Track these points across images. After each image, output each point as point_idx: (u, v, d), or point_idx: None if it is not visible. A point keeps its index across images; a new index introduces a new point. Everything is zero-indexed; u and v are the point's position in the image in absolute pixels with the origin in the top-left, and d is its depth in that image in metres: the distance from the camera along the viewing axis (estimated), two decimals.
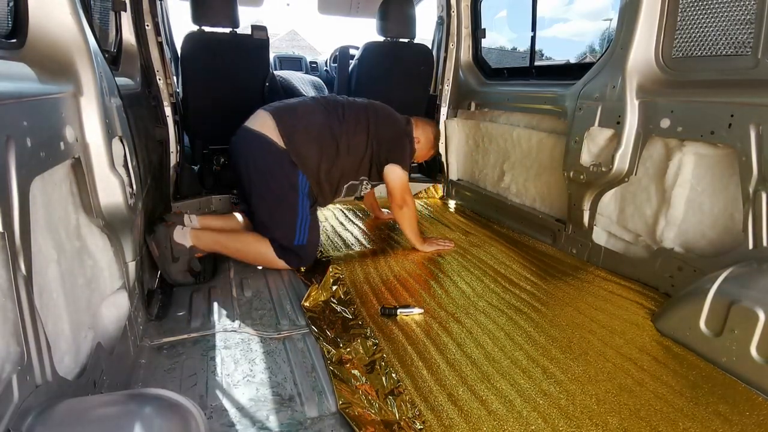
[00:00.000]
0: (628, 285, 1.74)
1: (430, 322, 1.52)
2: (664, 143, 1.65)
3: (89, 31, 1.07)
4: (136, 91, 1.91)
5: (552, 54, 6.45)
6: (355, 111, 2.01)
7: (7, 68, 0.84)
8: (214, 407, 1.11)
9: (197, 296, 1.69)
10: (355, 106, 2.03)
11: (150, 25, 2.21)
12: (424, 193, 3.28)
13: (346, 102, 2.05)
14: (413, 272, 1.93)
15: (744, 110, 1.35)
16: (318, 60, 4.67)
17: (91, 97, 1.03)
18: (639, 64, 1.68)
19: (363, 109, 2.04)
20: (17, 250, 0.69)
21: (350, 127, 1.97)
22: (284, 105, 1.98)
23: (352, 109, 2.01)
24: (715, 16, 1.47)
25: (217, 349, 1.36)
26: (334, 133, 1.94)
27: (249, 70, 2.70)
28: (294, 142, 1.87)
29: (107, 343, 1.08)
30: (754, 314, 1.18)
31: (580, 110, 1.92)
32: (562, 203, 2.16)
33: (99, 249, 1.14)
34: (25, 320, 0.69)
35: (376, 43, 2.80)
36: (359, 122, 1.99)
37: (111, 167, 1.08)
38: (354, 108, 2.02)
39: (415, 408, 1.12)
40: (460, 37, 2.91)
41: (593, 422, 1.09)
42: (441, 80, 3.03)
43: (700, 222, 1.58)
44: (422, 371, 1.27)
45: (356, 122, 1.99)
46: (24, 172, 0.72)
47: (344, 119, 1.97)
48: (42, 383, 0.72)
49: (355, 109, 2.02)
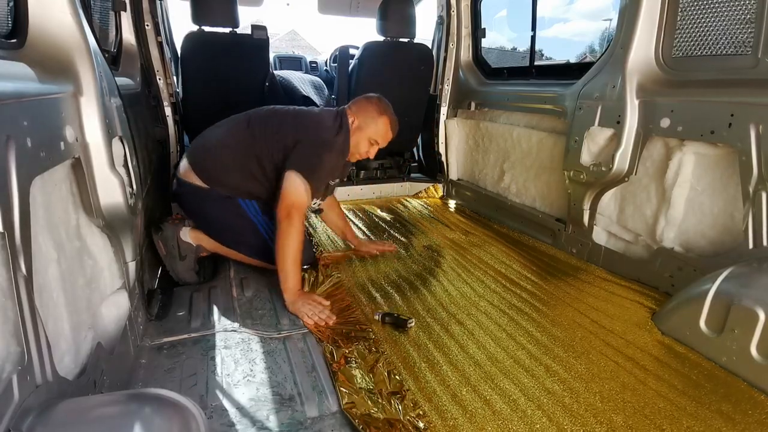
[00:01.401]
0: (628, 285, 1.74)
1: (432, 323, 1.52)
2: (664, 143, 1.65)
3: (89, 31, 1.07)
4: (136, 91, 1.91)
5: (552, 54, 6.45)
6: (270, 124, 1.77)
7: (7, 68, 0.84)
8: (215, 407, 1.11)
9: (197, 296, 1.69)
10: (272, 119, 1.79)
11: (150, 25, 2.21)
12: (424, 193, 3.28)
13: (266, 115, 1.82)
14: (415, 271, 1.92)
15: (744, 110, 1.35)
16: (318, 60, 4.67)
17: (91, 97, 1.03)
18: (639, 63, 1.68)
19: (280, 119, 1.79)
20: (17, 250, 0.69)
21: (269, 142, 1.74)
22: (197, 143, 1.86)
23: (270, 123, 1.77)
24: (715, 16, 1.47)
25: (217, 349, 1.36)
26: (253, 153, 1.75)
27: (249, 70, 2.69)
28: (213, 178, 1.77)
29: (107, 343, 1.08)
30: (754, 314, 1.18)
31: (580, 110, 1.92)
32: (562, 203, 2.16)
33: (99, 249, 1.14)
34: (26, 320, 0.69)
35: (376, 42, 2.80)
36: (276, 134, 1.74)
37: (111, 167, 1.08)
38: (270, 121, 1.78)
39: (418, 408, 1.12)
40: (460, 36, 2.91)
41: (598, 420, 1.09)
42: (441, 80, 3.03)
43: (700, 222, 1.58)
44: (425, 372, 1.27)
45: (273, 135, 1.74)
46: (24, 172, 0.72)
47: (259, 135, 1.75)
48: (42, 383, 0.72)
49: (272, 122, 1.77)
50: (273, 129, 1.75)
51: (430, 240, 2.30)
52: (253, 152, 1.75)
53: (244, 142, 1.76)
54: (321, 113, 1.81)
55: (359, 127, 1.76)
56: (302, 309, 1.53)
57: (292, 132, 1.73)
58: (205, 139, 1.84)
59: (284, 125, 1.76)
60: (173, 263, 1.79)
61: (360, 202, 3.02)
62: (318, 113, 1.82)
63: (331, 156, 1.71)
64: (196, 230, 1.86)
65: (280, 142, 1.72)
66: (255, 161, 1.75)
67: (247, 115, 1.83)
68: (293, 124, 1.76)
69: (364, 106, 1.79)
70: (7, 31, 0.94)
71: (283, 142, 1.72)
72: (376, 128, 1.77)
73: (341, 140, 1.74)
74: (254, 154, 1.75)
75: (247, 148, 1.76)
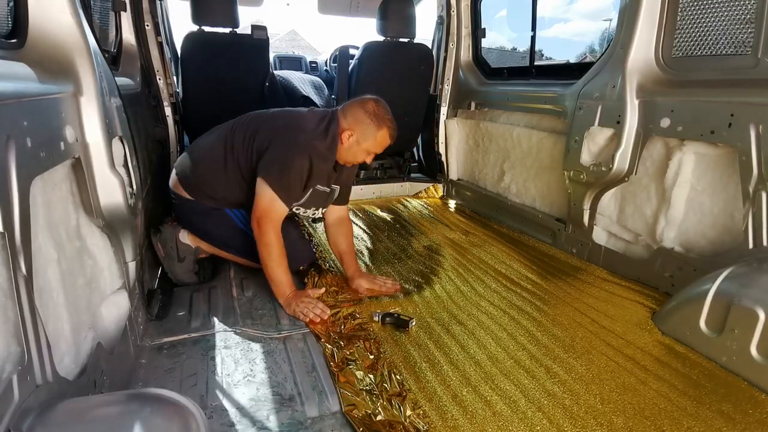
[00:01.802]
0: (628, 285, 1.74)
1: (432, 324, 1.52)
2: (664, 143, 1.65)
3: (89, 31, 1.07)
4: (136, 91, 1.91)
5: (551, 54, 6.44)
6: (249, 129, 1.69)
7: (7, 68, 0.84)
8: (215, 407, 1.11)
9: (197, 296, 1.69)
10: (252, 125, 1.70)
11: (150, 25, 2.21)
12: (424, 193, 3.28)
13: (248, 121, 1.73)
14: (416, 270, 1.92)
15: (744, 110, 1.35)
16: (318, 60, 4.66)
17: (91, 97, 1.03)
18: (639, 63, 1.68)
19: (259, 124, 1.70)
20: (17, 250, 0.69)
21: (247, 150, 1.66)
22: (184, 156, 1.82)
23: (249, 128, 1.69)
24: (715, 16, 1.47)
25: (217, 349, 1.36)
26: (235, 164, 1.69)
27: (249, 70, 2.69)
28: (198, 192, 1.75)
29: (107, 343, 1.08)
30: (754, 313, 1.18)
31: (580, 110, 1.92)
32: (562, 203, 2.16)
33: (99, 249, 1.14)
34: (26, 320, 0.69)
35: (376, 42, 2.80)
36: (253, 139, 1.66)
37: (111, 167, 1.08)
38: (250, 126, 1.70)
39: (419, 408, 1.12)
40: (460, 36, 2.91)
41: (598, 422, 1.09)
42: (441, 80, 3.03)
43: (700, 221, 1.58)
44: (426, 372, 1.27)
45: (250, 141, 1.66)
46: (24, 172, 0.72)
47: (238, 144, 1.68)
48: (42, 383, 0.72)
49: (251, 128, 1.69)
50: (250, 134, 1.67)
51: (430, 240, 2.30)
52: (234, 163, 1.69)
53: (225, 154, 1.69)
54: (304, 114, 1.70)
55: (357, 141, 1.62)
56: (297, 309, 1.54)
57: (268, 135, 1.64)
58: (191, 151, 1.81)
59: (262, 129, 1.67)
60: (172, 265, 1.78)
61: (360, 202, 3.02)
62: (300, 114, 1.71)
63: (302, 160, 1.56)
64: None
65: (256, 148, 1.64)
66: (237, 171, 1.69)
67: (232, 124, 1.76)
68: (271, 126, 1.67)
69: (360, 118, 1.61)
70: (7, 31, 0.94)
71: (258, 147, 1.64)
72: (374, 141, 1.63)
73: (323, 146, 1.59)
74: (235, 165, 1.69)
75: (228, 160, 1.69)
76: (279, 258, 1.57)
